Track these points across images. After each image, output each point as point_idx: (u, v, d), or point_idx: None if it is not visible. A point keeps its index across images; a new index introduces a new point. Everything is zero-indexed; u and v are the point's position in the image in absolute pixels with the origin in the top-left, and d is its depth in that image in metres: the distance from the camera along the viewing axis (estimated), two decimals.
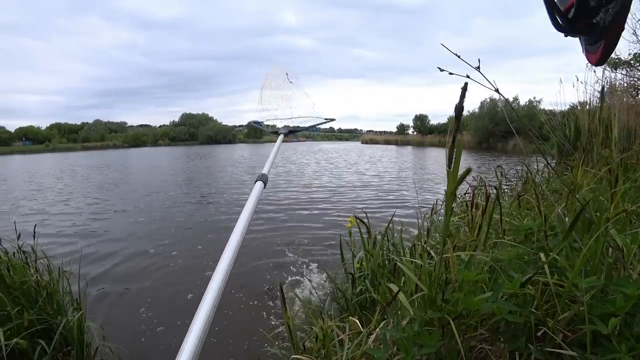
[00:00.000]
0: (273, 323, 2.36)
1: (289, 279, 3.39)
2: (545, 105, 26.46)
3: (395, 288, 1.05)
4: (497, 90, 1.04)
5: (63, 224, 6.00)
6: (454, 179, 0.75)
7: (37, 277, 1.81)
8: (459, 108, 0.69)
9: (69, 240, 4.89)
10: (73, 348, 1.81)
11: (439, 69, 0.97)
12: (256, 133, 68.57)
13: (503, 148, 24.95)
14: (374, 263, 1.77)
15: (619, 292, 0.71)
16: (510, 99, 28.78)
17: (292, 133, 1.69)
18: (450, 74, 0.96)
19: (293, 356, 1.00)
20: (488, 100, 29.50)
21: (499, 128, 26.92)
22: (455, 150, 0.74)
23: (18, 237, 1.98)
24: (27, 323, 1.60)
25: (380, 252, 1.81)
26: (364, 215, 2.17)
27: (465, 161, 15.55)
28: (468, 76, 0.99)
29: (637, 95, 4.13)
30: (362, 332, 1.16)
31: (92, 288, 3.08)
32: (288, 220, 5.70)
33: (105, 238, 5.04)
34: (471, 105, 31.00)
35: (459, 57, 1.09)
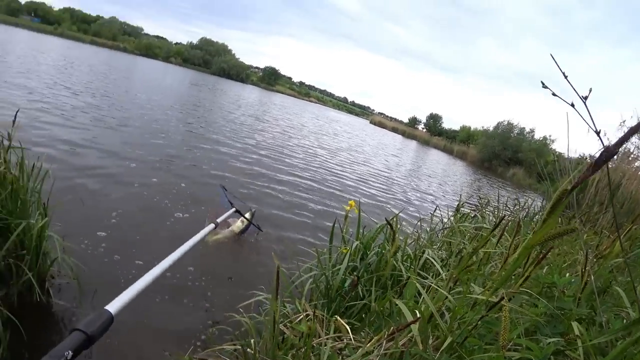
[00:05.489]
0: (251, 292, 2.24)
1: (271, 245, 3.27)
2: (559, 147, 26.45)
3: (404, 309, 0.91)
4: (597, 133, 0.85)
5: (50, 121, 5.72)
6: (548, 229, 0.60)
7: (4, 168, 1.61)
8: (610, 152, 0.51)
9: (52, 139, 4.58)
10: (28, 254, 1.67)
11: (543, 84, 0.79)
12: (270, 80, 66.89)
13: (502, 173, 24.89)
14: (381, 264, 1.63)
15: None
16: (527, 129, 28.49)
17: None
18: (554, 94, 0.78)
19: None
20: (505, 123, 29.17)
21: (505, 153, 26.75)
22: (567, 196, 0.57)
23: None
24: None
25: (381, 250, 1.67)
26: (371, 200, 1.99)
27: (464, 176, 15.57)
28: (573, 105, 0.82)
29: None
30: (349, 339, 1.04)
31: (64, 193, 2.92)
32: (286, 189, 5.52)
33: (93, 146, 4.79)
34: (488, 122, 30.81)
35: (566, 77, 0.90)
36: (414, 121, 54.87)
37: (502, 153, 26.91)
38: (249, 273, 2.71)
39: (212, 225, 1.56)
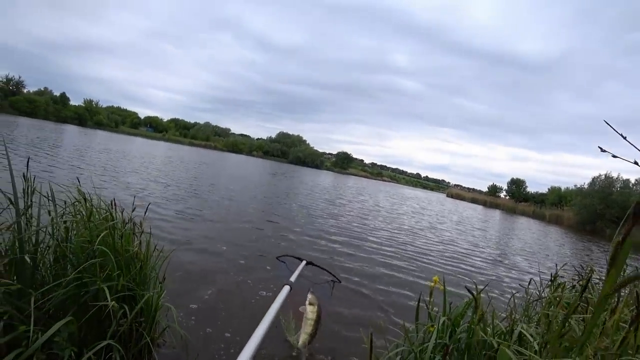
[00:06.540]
0: None
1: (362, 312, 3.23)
2: None
3: None
4: None
5: (163, 204, 6.79)
6: (613, 280, 0.62)
7: (138, 249, 2.02)
8: None
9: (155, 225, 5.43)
10: (146, 321, 1.96)
11: (600, 148, 0.84)
12: (342, 164, 70.76)
13: (612, 236, 21.16)
14: (471, 340, 1.56)
15: None
16: (632, 181, 24.78)
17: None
18: (614, 156, 0.82)
19: None
20: (602, 177, 25.78)
21: (610, 212, 23.09)
22: (621, 247, 0.62)
23: (133, 210, 2.25)
24: (120, 287, 1.79)
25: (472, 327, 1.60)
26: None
27: (565, 245, 13.63)
28: (636, 162, 0.85)
29: None
30: None
31: (175, 272, 3.33)
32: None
33: (192, 228, 5.51)
34: (580, 179, 27.33)
35: (624, 137, 0.94)
36: (494, 189, 51.67)
37: (607, 212, 23.27)
38: (340, 347, 2.68)
39: (287, 288, 1.58)
